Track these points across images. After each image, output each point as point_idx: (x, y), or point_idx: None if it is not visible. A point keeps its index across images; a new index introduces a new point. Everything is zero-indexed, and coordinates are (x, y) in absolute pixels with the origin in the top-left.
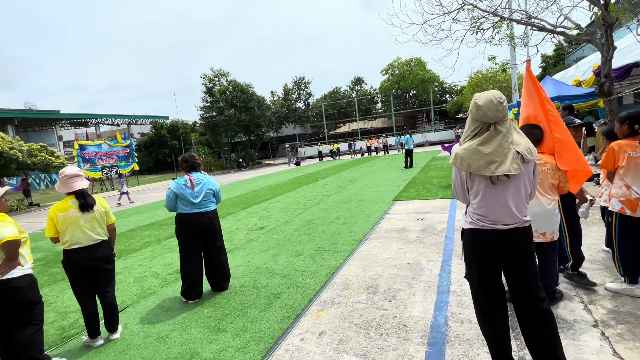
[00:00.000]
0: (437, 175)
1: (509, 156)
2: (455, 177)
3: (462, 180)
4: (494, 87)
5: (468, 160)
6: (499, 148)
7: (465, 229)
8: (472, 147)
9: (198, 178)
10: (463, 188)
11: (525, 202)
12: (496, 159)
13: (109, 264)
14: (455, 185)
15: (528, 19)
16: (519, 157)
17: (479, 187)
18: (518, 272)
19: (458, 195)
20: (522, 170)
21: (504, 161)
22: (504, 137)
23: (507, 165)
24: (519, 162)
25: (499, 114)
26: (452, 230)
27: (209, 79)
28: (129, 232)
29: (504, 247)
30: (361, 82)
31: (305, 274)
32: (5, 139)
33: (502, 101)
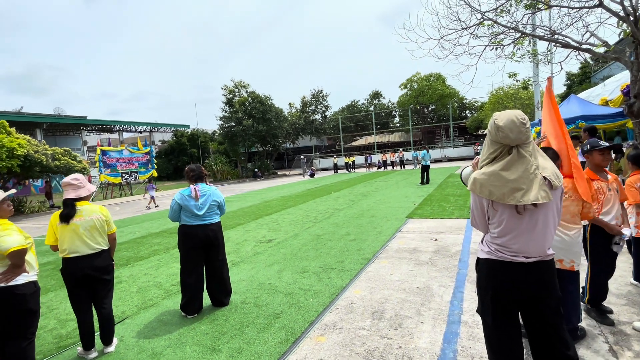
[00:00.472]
0: (453, 193)
1: (535, 183)
2: (475, 205)
3: (483, 209)
4: (516, 104)
5: (489, 187)
6: (524, 174)
7: (481, 258)
8: (493, 172)
9: (203, 189)
10: (483, 217)
11: (553, 232)
12: (522, 186)
13: (108, 275)
14: (474, 213)
15: (551, 35)
16: (546, 183)
17: (502, 216)
18: (540, 312)
19: (477, 225)
20: (551, 198)
21: (530, 188)
22: (528, 161)
23: (534, 193)
24: (547, 190)
25: (522, 135)
26: (466, 254)
27: (230, 90)
28: (140, 239)
29: (525, 282)
30: (379, 96)
31: (308, 293)
32: (32, 143)
33: (524, 122)
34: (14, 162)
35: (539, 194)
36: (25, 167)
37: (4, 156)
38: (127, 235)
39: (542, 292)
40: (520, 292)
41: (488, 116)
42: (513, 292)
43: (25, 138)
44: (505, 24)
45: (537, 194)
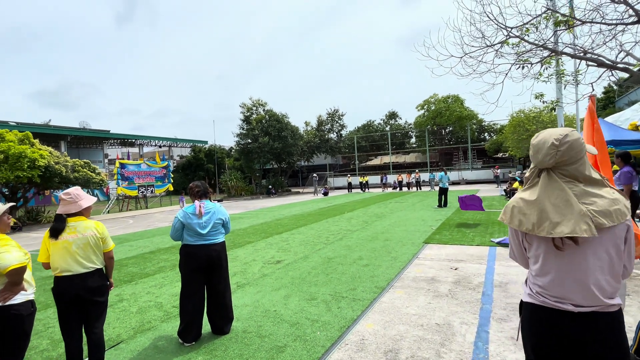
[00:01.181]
0: (473, 217)
1: (570, 213)
2: (511, 236)
3: (519, 240)
4: (538, 127)
5: (519, 215)
6: (556, 201)
7: (523, 301)
8: (522, 198)
9: (207, 206)
10: (521, 249)
11: (613, 278)
12: (552, 216)
13: (101, 297)
14: (512, 245)
15: (583, 54)
16: (589, 217)
17: (537, 251)
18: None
19: (516, 258)
20: (594, 233)
21: (563, 220)
22: (562, 187)
23: (570, 226)
24: (590, 223)
25: (548, 158)
26: (490, 286)
27: (248, 108)
28: (148, 254)
29: (573, 336)
30: (395, 117)
31: (316, 325)
32: (53, 154)
33: (557, 143)
34: (34, 173)
35: (576, 227)
36: (45, 177)
37: (25, 166)
38: (135, 250)
39: (597, 350)
40: (567, 347)
41: (508, 139)
42: (557, 346)
43: (47, 149)
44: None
45: (573, 226)
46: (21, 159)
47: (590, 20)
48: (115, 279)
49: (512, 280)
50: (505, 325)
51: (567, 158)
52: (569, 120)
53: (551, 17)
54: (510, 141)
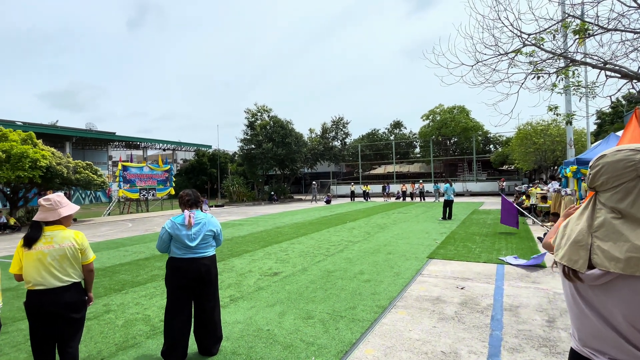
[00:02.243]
0: (479, 232)
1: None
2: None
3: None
4: (545, 140)
5: (557, 235)
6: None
7: (572, 347)
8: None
9: (198, 217)
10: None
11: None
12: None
13: (77, 313)
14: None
15: (603, 65)
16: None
17: (565, 287)
18: None
19: None
20: (581, 269)
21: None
22: (590, 215)
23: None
24: (585, 257)
25: (587, 182)
26: (499, 309)
27: (252, 114)
28: (142, 261)
29: None
30: (400, 126)
31: (311, 348)
32: (56, 155)
33: (591, 164)
34: (36, 173)
35: (570, 254)
36: (46, 178)
37: (26, 166)
38: (130, 256)
39: None
40: None
41: (515, 151)
42: None
43: (49, 150)
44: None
45: (567, 252)
46: (23, 159)
47: (614, 28)
48: (105, 287)
49: (523, 304)
50: (518, 357)
51: (600, 183)
52: (578, 134)
53: (570, 24)
54: (517, 154)
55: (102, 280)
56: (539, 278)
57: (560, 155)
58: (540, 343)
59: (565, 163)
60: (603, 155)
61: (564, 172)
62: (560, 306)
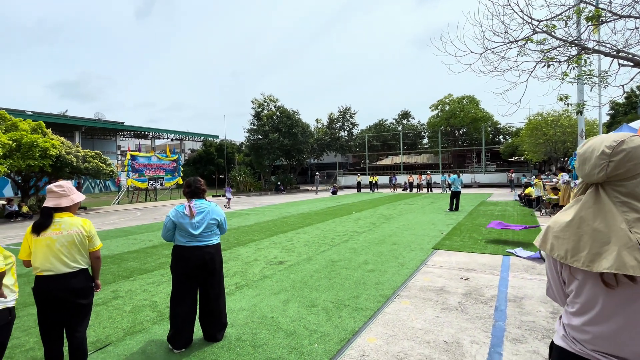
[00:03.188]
0: (486, 223)
1: (614, 243)
2: (548, 266)
3: (556, 272)
4: (556, 132)
5: (552, 239)
6: (599, 225)
7: (555, 344)
8: (563, 218)
9: (201, 206)
10: (559, 283)
11: None
12: (590, 244)
13: (85, 299)
14: (549, 277)
15: (616, 53)
16: (639, 248)
17: (582, 287)
18: None
19: (553, 295)
20: (637, 272)
21: (605, 251)
22: (610, 209)
23: (611, 259)
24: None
25: (597, 171)
26: (503, 300)
27: (259, 104)
28: (150, 249)
29: None
30: (408, 116)
31: (314, 335)
32: (65, 144)
33: (610, 152)
34: (46, 162)
35: (621, 261)
36: (56, 167)
37: (37, 155)
38: (139, 244)
39: None
40: None
41: (524, 142)
42: None
43: (59, 139)
44: (562, 38)
45: (616, 259)
46: (33, 148)
47: (627, 15)
48: (114, 274)
49: (527, 295)
50: (521, 347)
51: (624, 171)
52: (589, 125)
53: (583, 10)
54: (527, 145)
55: (111, 268)
56: (544, 270)
57: (570, 147)
58: (543, 334)
59: (575, 154)
60: (622, 142)
61: (574, 164)
62: None
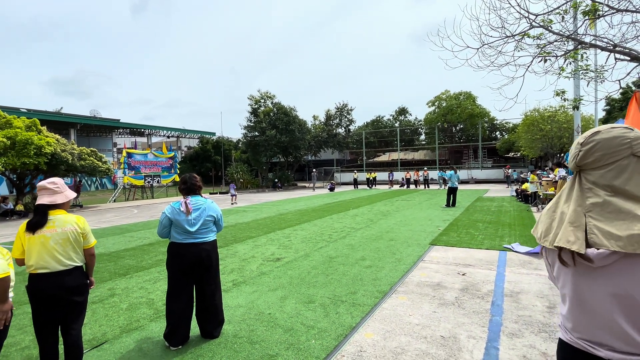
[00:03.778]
0: (482, 219)
1: (568, 223)
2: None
3: (544, 256)
4: (552, 127)
5: (539, 223)
6: (565, 208)
7: (560, 338)
8: (549, 205)
9: (197, 202)
10: (548, 268)
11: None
12: (554, 225)
13: (80, 296)
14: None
15: (613, 47)
16: (583, 230)
17: (559, 270)
18: None
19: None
20: (581, 250)
21: (559, 229)
22: (579, 195)
23: (556, 234)
24: (580, 237)
25: (571, 159)
26: (500, 295)
27: (256, 100)
28: (147, 246)
29: None
30: (405, 113)
31: (311, 331)
32: (60, 142)
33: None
34: (41, 160)
35: (562, 236)
36: (52, 164)
37: (31, 153)
38: (135, 241)
39: None
40: None
41: (521, 138)
42: None
43: (54, 137)
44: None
45: (560, 235)
46: (28, 146)
47: (624, 9)
48: (110, 272)
49: (524, 290)
50: (517, 342)
51: (592, 160)
52: (585, 121)
53: (580, 4)
54: (523, 140)
55: (107, 265)
56: (541, 264)
57: (567, 142)
58: (539, 328)
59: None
60: (597, 132)
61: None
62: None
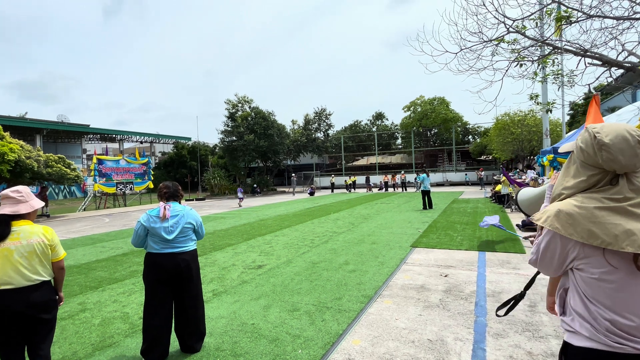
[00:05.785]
0: (460, 220)
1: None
2: (550, 246)
3: (564, 257)
4: (522, 130)
5: (589, 224)
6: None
7: (572, 345)
8: (595, 205)
9: (175, 209)
10: (559, 261)
11: None
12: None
13: (48, 313)
14: (546, 255)
15: (584, 53)
16: None
17: (612, 274)
18: None
19: (545, 266)
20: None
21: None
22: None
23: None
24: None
25: (637, 160)
26: (482, 296)
27: (233, 105)
28: (120, 257)
29: None
30: (382, 117)
31: (297, 341)
32: (25, 148)
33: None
34: (3, 167)
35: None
36: (15, 172)
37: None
38: (107, 252)
39: None
40: None
41: (493, 141)
42: None
43: (18, 143)
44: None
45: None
46: None
47: (598, 15)
48: (80, 285)
49: (504, 290)
50: (503, 342)
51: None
52: (552, 124)
53: (553, 10)
54: (495, 144)
55: (77, 278)
56: (519, 264)
57: (536, 145)
58: (523, 327)
59: (542, 152)
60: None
61: (540, 161)
62: (540, 291)
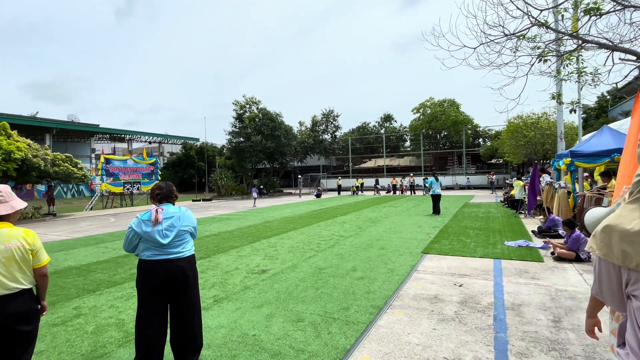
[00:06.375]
0: (472, 225)
1: None
2: (601, 271)
3: (619, 279)
4: (536, 134)
5: (622, 244)
6: None
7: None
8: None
9: (168, 212)
10: (620, 294)
11: None
12: None
13: (28, 325)
14: (602, 282)
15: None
16: None
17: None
18: None
19: (606, 298)
20: None
21: None
22: None
23: None
24: None
25: None
26: (501, 309)
27: (241, 106)
28: (122, 258)
29: None
30: (391, 119)
31: (301, 356)
32: (32, 147)
33: None
34: (10, 166)
35: None
36: (22, 171)
37: (0, 159)
38: (109, 253)
39: None
40: None
41: (504, 145)
42: None
43: (25, 141)
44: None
45: None
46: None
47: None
48: (78, 288)
49: (525, 302)
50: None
51: None
52: (567, 128)
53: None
54: (507, 147)
55: (76, 280)
56: (537, 273)
57: (550, 149)
58: (549, 346)
59: (557, 155)
60: None
61: (556, 165)
62: (564, 304)
